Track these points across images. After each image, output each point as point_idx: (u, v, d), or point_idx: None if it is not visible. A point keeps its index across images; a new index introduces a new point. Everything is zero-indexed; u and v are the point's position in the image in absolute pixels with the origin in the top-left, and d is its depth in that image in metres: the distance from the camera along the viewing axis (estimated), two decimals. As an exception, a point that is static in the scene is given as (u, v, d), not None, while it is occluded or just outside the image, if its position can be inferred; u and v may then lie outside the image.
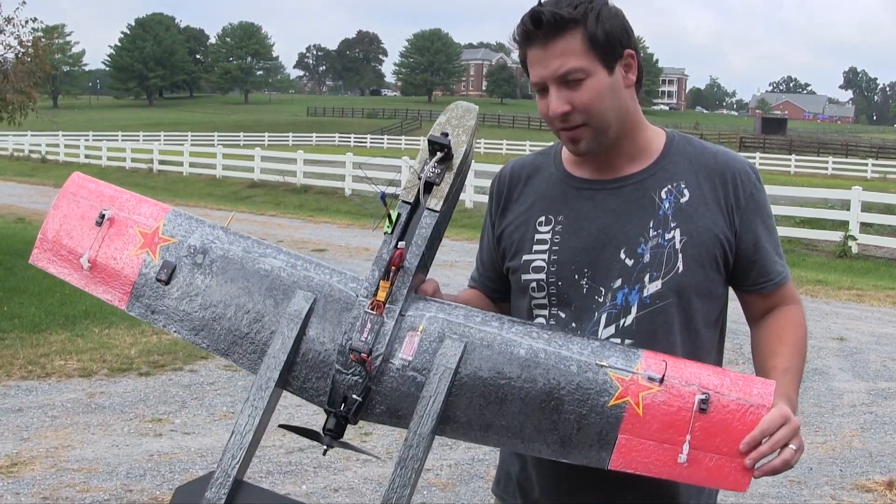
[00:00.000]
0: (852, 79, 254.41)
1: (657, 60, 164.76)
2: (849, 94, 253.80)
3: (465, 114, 2.22)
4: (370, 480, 5.83)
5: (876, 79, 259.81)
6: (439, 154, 2.11)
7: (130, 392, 7.74)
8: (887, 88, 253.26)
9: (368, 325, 1.98)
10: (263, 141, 66.55)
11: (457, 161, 2.14)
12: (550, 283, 2.21)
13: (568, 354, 1.95)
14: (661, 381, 1.89)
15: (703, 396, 1.87)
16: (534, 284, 2.23)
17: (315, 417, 6.87)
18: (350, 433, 2.07)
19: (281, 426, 2.17)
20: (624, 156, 2.22)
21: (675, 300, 2.15)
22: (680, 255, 2.15)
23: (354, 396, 1.95)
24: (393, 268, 2.01)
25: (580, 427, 1.90)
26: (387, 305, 2.00)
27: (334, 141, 72.91)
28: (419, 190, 2.10)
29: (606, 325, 2.16)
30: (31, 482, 5.72)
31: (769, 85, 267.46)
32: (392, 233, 2.06)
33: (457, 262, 15.35)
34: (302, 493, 5.60)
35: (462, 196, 23.95)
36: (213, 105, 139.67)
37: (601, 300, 2.16)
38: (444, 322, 2.01)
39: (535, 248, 2.25)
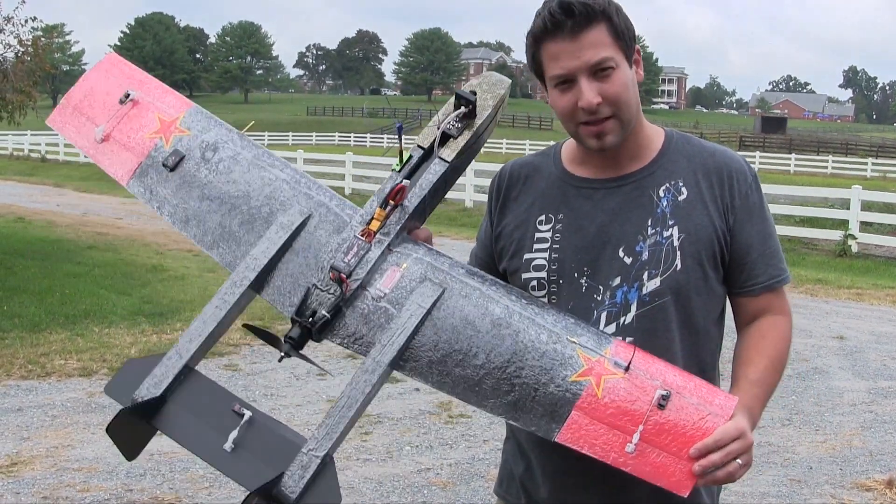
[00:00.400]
0: (852, 78, 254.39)
1: (657, 59, 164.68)
2: (848, 93, 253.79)
3: (498, 83, 2.26)
4: (370, 479, 5.84)
5: (875, 78, 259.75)
6: (463, 109, 2.14)
7: (130, 391, 7.72)
8: (887, 87, 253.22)
9: (354, 249, 2.00)
10: (263, 140, 66.49)
11: (478, 121, 2.16)
12: (551, 281, 2.21)
13: (541, 322, 1.97)
14: (627, 368, 1.90)
15: (665, 393, 1.87)
16: (534, 283, 2.24)
17: (315, 417, 6.87)
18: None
19: (244, 325, 2.17)
20: (626, 154, 2.23)
21: (673, 298, 2.16)
22: (678, 253, 2.16)
23: (324, 312, 1.96)
24: (392, 202, 2.03)
25: (536, 394, 1.90)
26: (377, 236, 2.02)
27: (334, 140, 72.87)
28: (435, 139, 2.12)
29: (607, 324, 2.16)
30: (31, 482, 5.73)
31: (769, 84, 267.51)
32: (400, 171, 2.09)
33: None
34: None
35: (462, 195, 24.18)
36: (213, 104, 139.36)
37: (600, 298, 2.17)
38: (428, 265, 2.03)
39: (536, 246, 2.25)
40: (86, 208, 24.86)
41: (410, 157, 2.11)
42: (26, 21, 16.49)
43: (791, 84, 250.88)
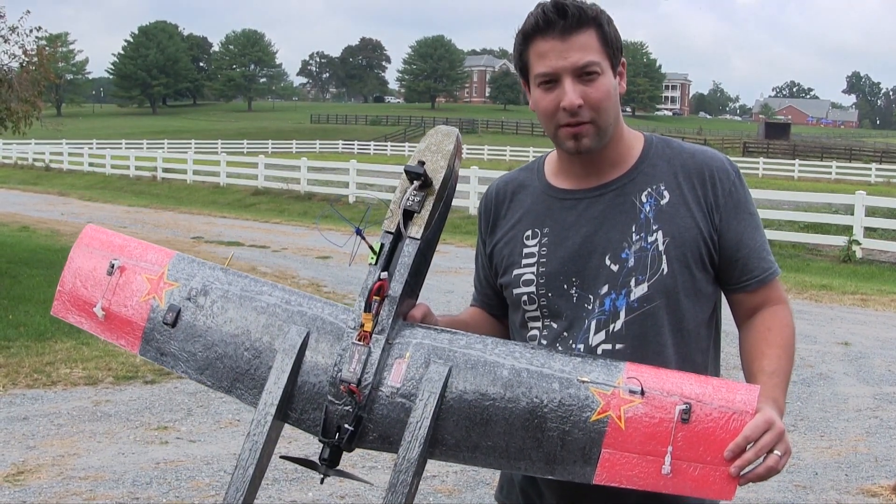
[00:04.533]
0: (855, 83, 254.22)
1: (660, 66, 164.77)
2: (852, 98, 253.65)
3: (444, 139, 2.25)
4: (376, 488, 5.83)
5: (879, 83, 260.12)
6: (416, 183, 2.15)
7: (136, 400, 7.75)
8: (891, 93, 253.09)
9: (356, 356, 2.03)
10: (267, 148, 66.58)
11: (437, 185, 2.17)
12: (540, 294, 2.23)
13: (550, 373, 1.98)
14: (642, 393, 1.91)
15: (685, 406, 1.88)
16: (525, 298, 2.26)
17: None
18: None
19: (282, 457, 2.21)
20: (607, 162, 2.25)
21: (663, 302, 2.17)
22: (664, 257, 2.17)
23: (346, 426, 2.00)
24: (377, 298, 2.05)
25: (564, 444, 1.92)
26: (373, 336, 2.05)
27: (338, 148, 72.89)
28: (400, 220, 2.14)
29: (596, 332, 2.18)
30: (37, 490, 5.73)
31: (772, 90, 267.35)
32: (376, 264, 2.10)
33: (461, 269, 15.36)
34: (308, 501, 5.61)
35: (465, 203, 24.22)
36: (217, 113, 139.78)
37: (590, 307, 2.19)
38: (429, 348, 2.05)
39: (524, 262, 2.28)
40: (90, 217, 24.87)
41: (382, 245, 2.13)
42: (31, 31, 16.58)
43: (794, 90, 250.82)
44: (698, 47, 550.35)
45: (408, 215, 2.14)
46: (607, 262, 2.19)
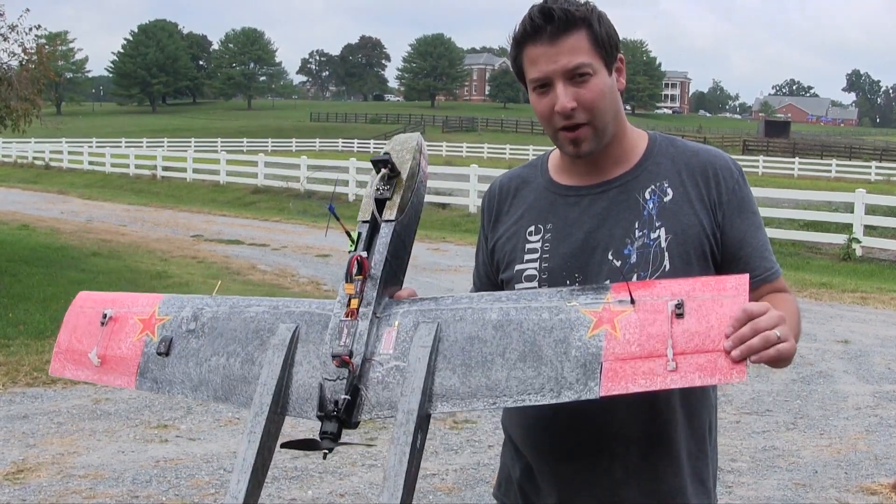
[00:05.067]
0: (855, 81, 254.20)
1: (660, 64, 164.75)
2: (852, 96, 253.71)
3: (407, 139, 2.30)
4: (376, 485, 5.84)
5: (879, 81, 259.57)
6: (384, 170, 2.18)
7: (136, 398, 7.75)
8: (891, 91, 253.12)
9: (345, 331, 2.05)
10: (267, 147, 66.60)
11: (405, 175, 2.20)
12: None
13: (538, 305, 1.99)
14: (633, 301, 1.90)
15: (677, 301, 1.86)
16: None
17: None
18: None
19: (283, 446, 2.21)
20: (610, 159, 2.25)
21: None
22: (666, 254, 2.17)
23: (344, 396, 2.00)
24: (360, 277, 2.08)
25: (563, 366, 1.91)
26: (360, 310, 2.07)
27: (338, 146, 72.97)
28: (374, 209, 2.17)
29: None
30: (37, 489, 5.74)
31: (772, 88, 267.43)
32: (355, 249, 2.14)
33: (461, 267, 15.37)
34: (308, 499, 5.61)
35: (465, 201, 24.23)
36: (217, 111, 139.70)
37: None
38: (416, 312, 2.07)
39: (527, 257, 2.28)
40: (89, 215, 24.91)
41: (359, 234, 2.16)
42: (30, 29, 16.55)
43: (794, 88, 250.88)
44: (698, 45, 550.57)
45: (380, 204, 2.18)
46: (610, 257, 2.19)
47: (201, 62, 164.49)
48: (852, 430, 7.35)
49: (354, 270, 2.08)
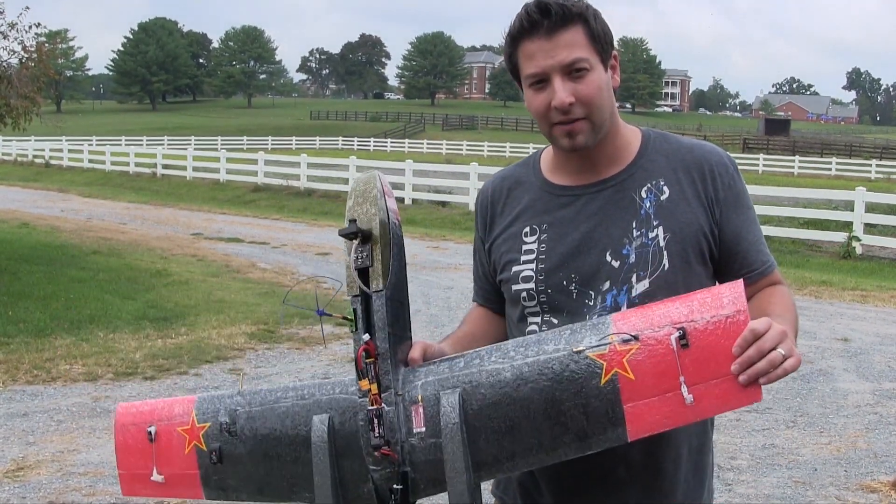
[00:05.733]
0: (856, 79, 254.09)
1: (660, 62, 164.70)
2: (852, 94, 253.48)
3: (366, 186, 2.21)
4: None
5: (879, 79, 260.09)
6: (355, 241, 2.15)
7: (136, 396, 7.75)
8: (891, 89, 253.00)
9: (376, 421, 2.07)
10: (267, 145, 66.67)
11: (377, 233, 2.15)
12: (540, 291, 2.23)
13: (546, 357, 1.98)
14: (636, 338, 1.90)
15: (679, 333, 1.86)
16: (524, 294, 2.25)
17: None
18: None
19: None
20: (604, 158, 2.24)
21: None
22: (665, 253, 2.16)
23: (396, 486, 2.06)
24: (370, 360, 2.09)
25: (588, 417, 1.93)
26: (381, 395, 2.08)
27: (338, 144, 73.00)
28: (359, 283, 2.15)
29: None
30: (37, 486, 5.74)
31: (772, 86, 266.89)
32: (357, 330, 2.12)
33: (461, 265, 15.37)
34: None
35: (465, 199, 24.23)
36: (217, 109, 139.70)
37: (591, 303, 2.18)
38: (434, 382, 2.08)
39: (523, 258, 2.27)
40: (90, 213, 24.91)
41: (354, 311, 2.14)
42: (30, 27, 16.57)
43: (794, 86, 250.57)
44: (698, 43, 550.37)
45: (363, 273, 2.15)
46: (608, 258, 2.18)
47: (201, 60, 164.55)
48: (852, 427, 7.35)
49: (363, 361, 2.09)
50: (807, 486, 6.02)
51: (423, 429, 2.05)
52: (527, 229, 2.29)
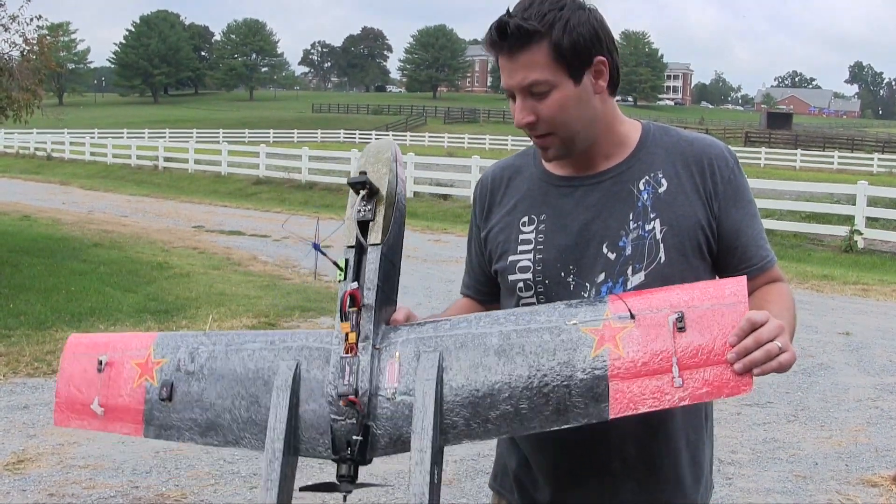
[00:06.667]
0: (858, 73, 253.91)
1: (662, 56, 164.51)
2: (854, 88, 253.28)
3: (379, 150, 2.24)
4: (375, 475, 5.84)
5: (882, 73, 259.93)
6: (362, 192, 2.15)
7: (136, 389, 7.74)
8: (893, 83, 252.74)
9: (347, 369, 2.02)
10: (268, 138, 66.64)
11: (384, 192, 2.16)
12: (537, 281, 2.22)
13: (537, 327, 1.96)
14: (632, 317, 1.88)
15: (677, 315, 1.84)
16: (521, 284, 2.24)
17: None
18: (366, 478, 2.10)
19: (301, 489, 2.21)
20: (600, 154, 2.23)
21: None
22: (661, 246, 2.15)
23: (355, 437, 1.99)
24: (354, 309, 2.05)
25: (571, 389, 1.89)
26: (359, 344, 2.03)
27: (339, 137, 72.94)
28: (357, 232, 2.14)
29: None
30: (37, 479, 5.74)
31: (774, 80, 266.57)
32: (345, 278, 2.10)
33: (462, 258, 15.24)
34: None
35: (466, 192, 24.25)
36: (218, 102, 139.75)
37: (587, 295, 2.17)
38: (416, 340, 2.04)
39: (520, 248, 2.26)
40: (91, 206, 24.91)
41: (347, 260, 2.13)
42: (31, 20, 16.55)
43: (797, 80, 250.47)
44: (700, 37, 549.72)
45: (363, 226, 2.14)
46: (604, 250, 2.17)
47: (203, 53, 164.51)
48: (853, 422, 7.34)
49: (347, 305, 2.05)
50: (807, 481, 6.01)
51: (396, 384, 2.00)
52: (524, 219, 2.28)
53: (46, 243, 16.12)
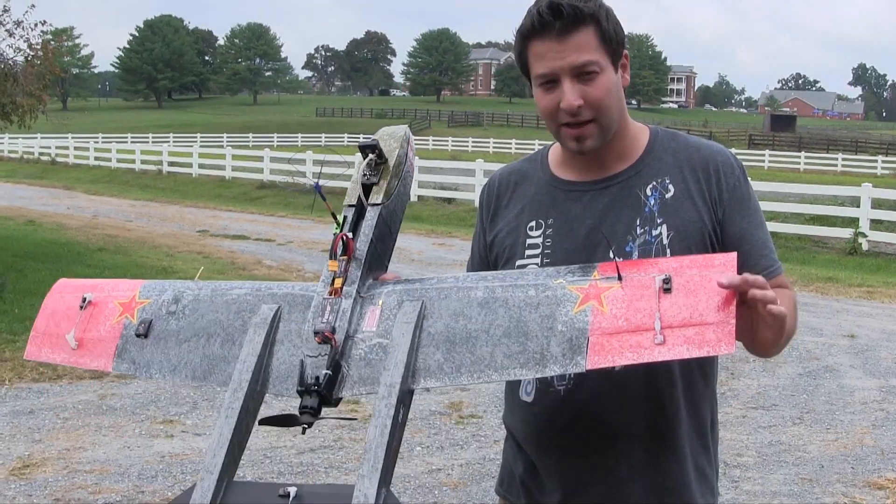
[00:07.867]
0: (861, 75, 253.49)
1: (665, 58, 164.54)
2: (858, 90, 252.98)
3: (395, 130, 2.30)
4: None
5: (885, 75, 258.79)
6: (371, 155, 2.18)
7: (141, 394, 7.76)
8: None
9: (328, 308, 2.02)
10: (273, 142, 66.62)
11: (392, 163, 2.19)
12: None
13: (524, 282, 1.97)
14: (620, 278, 1.88)
15: (665, 276, 1.84)
16: None
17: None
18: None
19: (261, 422, 2.18)
20: (612, 155, 2.23)
21: None
22: (668, 251, 2.15)
23: (325, 371, 1.96)
24: (345, 257, 2.06)
25: (549, 341, 1.89)
26: (344, 289, 2.04)
27: (343, 141, 72.93)
28: (360, 193, 2.16)
29: None
30: (43, 484, 5.75)
31: (778, 82, 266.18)
32: (340, 230, 2.12)
33: (466, 262, 15.34)
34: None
35: (471, 196, 24.16)
36: (222, 106, 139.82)
37: None
38: (401, 291, 2.05)
39: (528, 252, 2.26)
40: (96, 211, 24.93)
41: (345, 217, 2.15)
42: (36, 25, 16.55)
43: (800, 82, 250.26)
44: (703, 39, 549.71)
45: (367, 190, 2.16)
46: (611, 255, 2.17)
47: (207, 57, 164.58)
48: (859, 424, 7.33)
49: (339, 250, 2.07)
50: (813, 483, 6.01)
51: (374, 328, 2.00)
52: (532, 223, 2.28)
53: (51, 248, 16.14)
